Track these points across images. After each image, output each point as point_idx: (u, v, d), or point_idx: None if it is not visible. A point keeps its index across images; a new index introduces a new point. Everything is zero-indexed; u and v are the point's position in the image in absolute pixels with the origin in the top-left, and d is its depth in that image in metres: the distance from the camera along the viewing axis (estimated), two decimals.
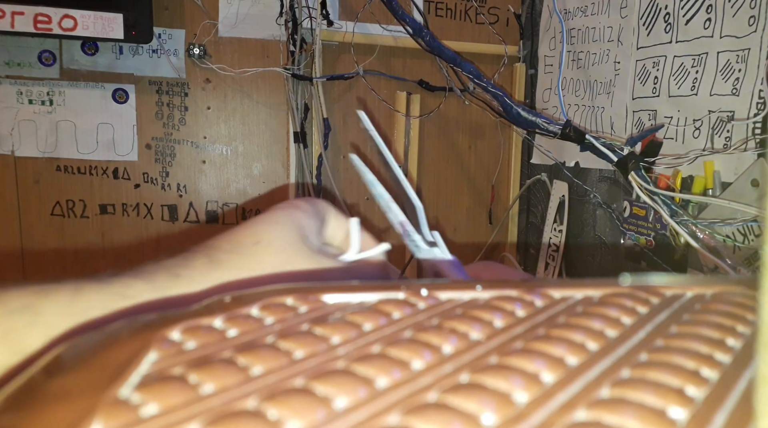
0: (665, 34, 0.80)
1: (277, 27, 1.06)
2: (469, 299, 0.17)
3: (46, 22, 0.89)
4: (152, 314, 0.16)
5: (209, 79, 1.07)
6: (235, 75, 1.06)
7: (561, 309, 0.16)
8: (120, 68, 1.02)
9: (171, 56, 1.04)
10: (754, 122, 0.67)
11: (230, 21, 1.05)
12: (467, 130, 1.20)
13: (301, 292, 0.17)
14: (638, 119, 0.86)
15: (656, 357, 0.13)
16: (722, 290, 0.17)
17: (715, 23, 0.72)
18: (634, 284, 0.18)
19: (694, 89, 0.75)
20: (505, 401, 0.11)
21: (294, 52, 1.04)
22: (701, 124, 0.74)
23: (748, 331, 0.15)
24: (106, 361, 0.13)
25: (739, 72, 0.68)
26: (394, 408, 0.11)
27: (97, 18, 0.91)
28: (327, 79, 1.05)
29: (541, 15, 1.11)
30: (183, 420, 0.11)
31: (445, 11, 1.16)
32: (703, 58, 0.74)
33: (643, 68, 0.84)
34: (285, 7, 1.03)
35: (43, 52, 0.98)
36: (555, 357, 0.13)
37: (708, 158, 0.73)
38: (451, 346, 0.14)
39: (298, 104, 1.06)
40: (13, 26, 0.88)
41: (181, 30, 1.04)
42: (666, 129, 0.80)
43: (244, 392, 0.12)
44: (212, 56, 1.06)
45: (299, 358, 0.13)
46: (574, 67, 1.01)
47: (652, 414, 0.11)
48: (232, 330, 0.15)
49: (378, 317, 0.15)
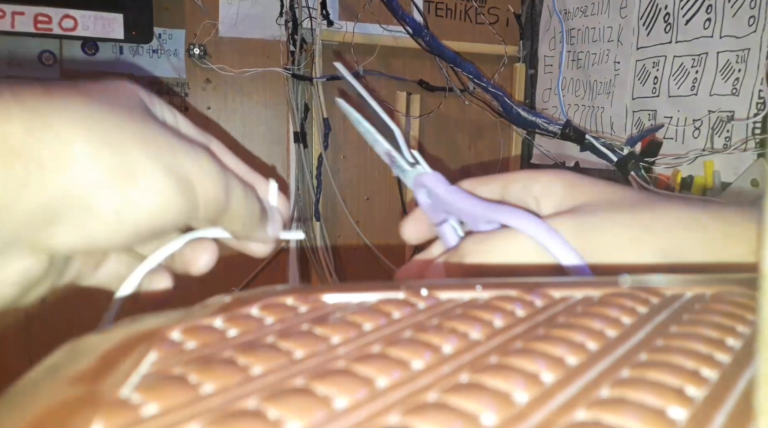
0: (665, 34, 0.80)
1: (277, 27, 1.06)
2: (468, 299, 0.17)
3: (46, 22, 0.89)
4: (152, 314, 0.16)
5: (209, 79, 1.07)
6: (236, 75, 1.06)
7: (561, 309, 0.16)
8: (120, 68, 1.02)
9: (171, 56, 1.04)
10: (754, 121, 0.67)
11: (230, 21, 1.05)
12: (467, 130, 1.20)
13: (301, 292, 0.17)
14: (638, 119, 0.86)
15: (656, 357, 0.13)
16: (722, 290, 0.18)
17: (715, 23, 0.72)
18: (633, 284, 0.18)
19: (694, 89, 0.75)
20: (504, 401, 0.11)
21: (294, 52, 1.04)
22: (701, 124, 0.74)
23: (747, 331, 0.15)
24: (106, 361, 0.13)
25: (739, 72, 0.69)
26: (394, 407, 0.11)
27: (97, 18, 0.91)
28: (327, 79, 1.05)
29: (540, 15, 1.11)
30: (183, 420, 0.11)
31: (445, 11, 1.16)
32: (703, 58, 0.74)
33: (643, 68, 0.84)
34: (285, 7, 1.03)
35: (43, 52, 0.98)
36: (555, 357, 0.13)
37: (708, 158, 0.73)
38: (451, 346, 0.14)
39: (298, 104, 1.06)
40: (13, 26, 0.88)
41: (181, 30, 1.04)
42: (666, 129, 0.80)
43: (244, 392, 0.12)
44: (212, 56, 1.06)
45: (299, 358, 0.13)
46: (574, 68, 1.01)
47: (651, 413, 0.11)
48: (232, 329, 0.15)
49: (378, 317, 0.15)
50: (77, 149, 0.20)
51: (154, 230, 0.22)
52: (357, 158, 1.16)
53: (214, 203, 0.24)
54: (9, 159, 0.18)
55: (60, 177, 0.19)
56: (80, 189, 0.20)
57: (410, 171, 0.32)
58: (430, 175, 0.31)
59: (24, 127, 0.19)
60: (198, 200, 0.23)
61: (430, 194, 0.31)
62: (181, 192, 0.22)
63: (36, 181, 0.19)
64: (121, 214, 0.21)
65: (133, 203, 0.21)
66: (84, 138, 0.20)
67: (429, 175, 0.31)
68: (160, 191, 0.21)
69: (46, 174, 0.19)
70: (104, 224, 0.21)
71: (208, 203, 0.24)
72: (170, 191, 0.22)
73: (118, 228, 0.21)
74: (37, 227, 0.20)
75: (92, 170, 0.20)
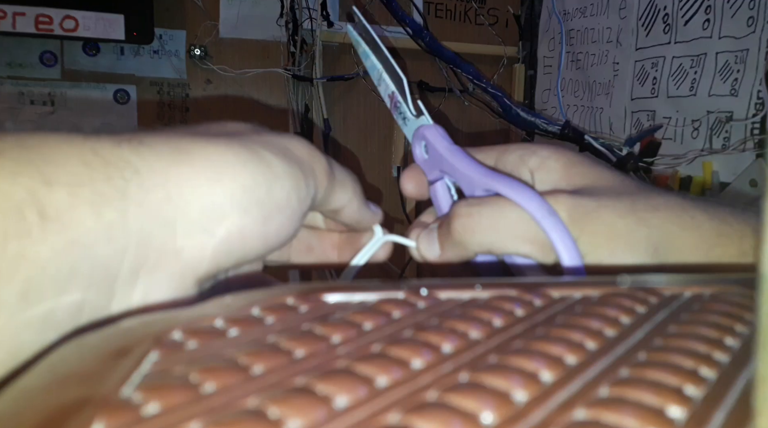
0: (664, 35, 0.80)
1: (277, 28, 1.06)
2: (468, 298, 0.17)
3: (47, 23, 0.89)
4: (153, 314, 0.16)
5: (210, 79, 1.07)
6: (236, 76, 1.06)
7: (560, 309, 0.16)
8: (121, 69, 1.02)
9: (172, 57, 1.04)
10: (753, 122, 0.67)
11: (231, 22, 1.05)
12: (467, 130, 1.20)
13: (301, 292, 0.17)
14: (637, 120, 0.86)
15: (655, 357, 0.13)
16: (721, 290, 0.18)
17: (714, 24, 0.72)
18: (632, 284, 0.18)
19: (693, 90, 0.75)
20: (504, 400, 0.11)
21: (294, 53, 1.04)
22: (700, 124, 0.74)
23: (746, 331, 0.15)
24: (107, 361, 0.13)
25: (738, 73, 0.69)
26: (394, 406, 0.11)
27: (98, 19, 0.91)
28: (327, 80, 1.05)
29: (540, 16, 1.12)
30: (184, 419, 0.11)
31: (445, 12, 1.17)
32: (702, 58, 0.74)
33: (642, 69, 0.85)
34: (285, 8, 1.04)
35: (44, 53, 0.99)
36: (554, 357, 0.13)
37: (706, 159, 0.73)
38: (451, 345, 0.14)
39: (299, 105, 1.07)
40: (14, 27, 0.88)
41: (182, 31, 1.04)
42: (665, 129, 0.80)
43: (244, 391, 0.12)
44: (213, 57, 1.06)
45: (300, 357, 0.13)
46: (573, 68, 1.01)
47: (650, 413, 0.11)
48: (232, 329, 0.15)
49: (378, 316, 0.15)
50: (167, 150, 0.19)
51: (279, 206, 0.21)
52: (357, 158, 1.16)
53: (327, 178, 0.24)
54: (106, 169, 0.17)
55: (160, 179, 0.18)
56: (185, 187, 0.19)
57: (412, 120, 0.30)
58: (432, 127, 0.30)
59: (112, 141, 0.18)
60: (317, 177, 0.23)
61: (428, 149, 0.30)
62: (283, 159, 0.21)
63: (136, 189, 0.18)
64: (238, 199, 0.20)
65: (245, 181, 0.20)
66: (167, 140, 0.19)
67: (431, 127, 0.30)
68: (263, 162, 0.21)
69: (144, 180, 0.18)
70: (229, 221, 0.20)
71: (323, 180, 0.23)
72: (272, 159, 0.21)
73: (244, 217, 0.20)
74: (157, 244, 0.18)
75: (189, 163, 0.19)
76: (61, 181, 0.16)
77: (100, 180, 0.17)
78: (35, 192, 0.15)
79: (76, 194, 0.16)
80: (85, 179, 0.17)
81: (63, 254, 0.16)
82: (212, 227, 0.19)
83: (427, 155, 0.30)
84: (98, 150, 0.17)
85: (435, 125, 0.30)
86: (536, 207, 0.24)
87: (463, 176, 0.28)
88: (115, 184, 0.17)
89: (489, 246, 0.26)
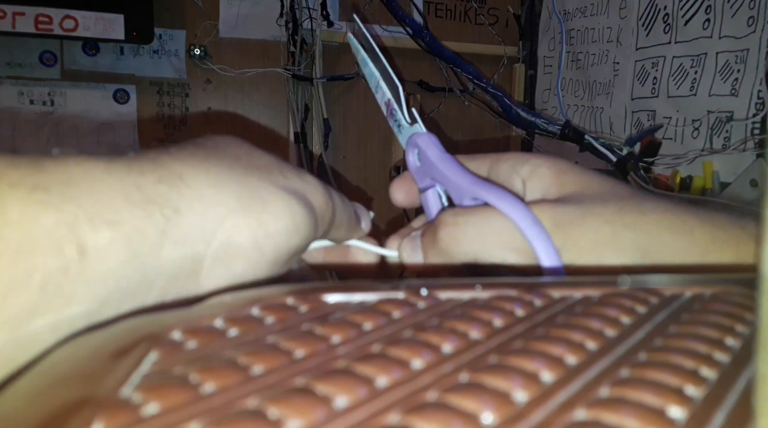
0: (664, 34, 0.80)
1: (277, 28, 1.06)
2: (468, 299, 0.17)
3: (47, 22, 0.89)
4: (153, 315, 0.16)
5: (210, 79, 1.07)
6: (236, 76, 1.06)
7: (560, 309, 0.16)
8: (121, 69, 1.02)
9: (172, 57, 1.04)
10: (753, 122, 0.67)
11: (231, 22, 1.06)
12: (467, 130, 1.20)
13: (301, 292, 0.17)
14: (637, 120, 0.86)
15: (655, 357, 0.13)
16: (721, 290, 0.18)
17: (714, 24, 0.72)
18: (633, 284, 0.18)
19: (693, 90, 0.75)
20: (504, 400, 0.11)
21: (294, 52, 1.04)
22: (700, 124, 0.74)
23: (747, 331, 0.15)
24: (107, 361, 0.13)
25: (738, 72, 0.69)
26: (394, 407, 0.11)
27: (98, 19, 0.91)
28: (327, 79, 1.05)
29: (540, 16, 1.12)
30: (184, 419, 0.11)
31: (445, 12, 1.17)
32: (702, 58, 0.74)
33: (642, 69, 0.85)
34: (285, 7, 1.04)
35: (44, 52, 0.99)
36: (554, 357, 0.13)
37: (707, 158, 0.73)
38: (451, 346, 0.14)
39: (299, 105, 1.07)
40: (14, 27, 0.88)
41: (181, 31, 1.04)
42: (665, 129, 0.80)
43: (244, 391, 0.12)
44: (213, 57, 1.06)
45: (299, 358, 0.13)
46: (574, 68, 1.01)
47: (651, 413, 0.11)
48: (232, 329, 0.15)
49: (378, 316, 0.15)
50: (205, 189, 0.20)
51: (290, 252, 0.22)
52: (357, 158, 1.16)
53: (327, 213, 0.25)
54: (147, 207, 0.18)
55: (197, 217, 0.19)
56: (217, 226, 0.19)
57: (406, 128, 0.31)
58: (424, 136, 0.30)
59: (154, 176, 0.19)
60: (317, 213, 0.24)
61: (421, 156, 0.30)
62: (304, 209, 0.22)
63: (174, 226, 0.18)
64: (260, 243, 0.20)
65: (269, 227, 0.21)
66: (206, 177, 0.20)
67: (424, 135, 0.30)
68: (288, 211, 0.22)
69: (182, 218, 0.19)
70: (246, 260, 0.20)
71: (324, 215, 0.24)
72: (296, 209, 0.22)
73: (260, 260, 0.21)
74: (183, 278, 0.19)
75: (223, 203, 0.20)
76: (104, 218, 0.17)
77: (142, 217, 0.17)
78: (76, 228, 0.16)
79: (117, 231, 0.17)
80: (127, 217, 0.17)
81: (97, 287, 0.16)
82: (233, 265, 0.20)
83: (419, 163, 0.31)
84: (142, 185, 0.18)
85: (428, 133, 0.30)
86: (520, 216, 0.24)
87: (453, 185, 0.28)
88: (155, 221, 0.18)
89: (474, 255, 0.26)
